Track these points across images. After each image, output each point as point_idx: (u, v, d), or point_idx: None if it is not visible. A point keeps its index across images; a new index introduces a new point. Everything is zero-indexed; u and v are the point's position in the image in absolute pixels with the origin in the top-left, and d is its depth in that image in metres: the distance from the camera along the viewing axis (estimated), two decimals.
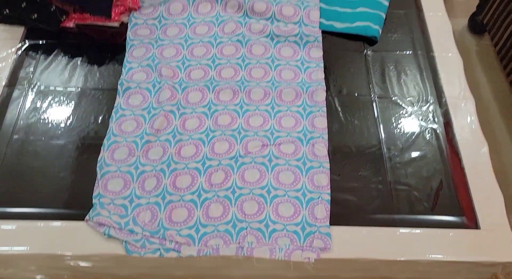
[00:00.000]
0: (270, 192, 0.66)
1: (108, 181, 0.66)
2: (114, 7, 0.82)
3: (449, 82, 0.80)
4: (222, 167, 0.68)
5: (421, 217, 0.65)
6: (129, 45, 0.81)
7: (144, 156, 0.68)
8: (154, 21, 0.84)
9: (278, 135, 0.72)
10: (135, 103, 0.74)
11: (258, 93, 0.76)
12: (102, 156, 0.68)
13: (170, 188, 0.66)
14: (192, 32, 0.83)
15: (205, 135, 0.71)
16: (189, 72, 0.78)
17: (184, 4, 0.86)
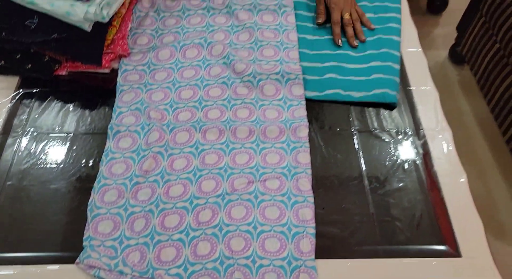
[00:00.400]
0: (257, 228, 0.68)
1: (98, 223, 0.68)
2: (105, 55, 0.86)
3: (426, 115, 0.84)
4: (209, 205, 0.70)
5: (404, 247, 0.67)
6: (119, 90, 0.85)
7: (133, 198, 0.71)
8: (144, 67, 0.89)
9: (263, 171, 0.74)
10: (124, 146, 0.77)
11: (243, 132, 0.79)
12: (92, 199, 0.70)
13: (159, 228, 0.68)
14: (180, 76, 0.87)
15: (192, 174, 0.74)
16: (177, 114, 0.81)
17: (172, 50, 0.91)
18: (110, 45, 0.87)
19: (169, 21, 0.97)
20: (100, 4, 0.80)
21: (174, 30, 0.95)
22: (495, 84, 1.26)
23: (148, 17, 0.96)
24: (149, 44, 0.92)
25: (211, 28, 0.95)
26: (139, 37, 0.93)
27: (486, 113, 1.43)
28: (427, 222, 0.70)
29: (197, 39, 0.92)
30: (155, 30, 0.95)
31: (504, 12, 1.18)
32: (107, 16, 0.81)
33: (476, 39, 1.38)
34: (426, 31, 1.78)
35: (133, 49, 0.91)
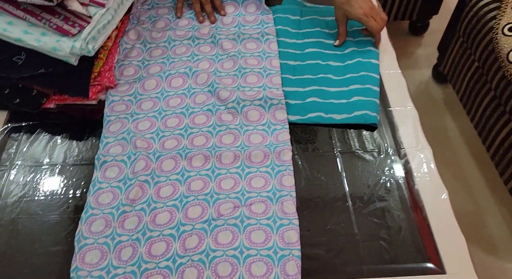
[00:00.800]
0: (243, 252, 0.69)
1: (86, 253, 0.68)
2: (92, 87, 0.88)
3: (406, 134, 0.86)
4: (195, 231, 0.71)
5: (388, 266, 0.68)
6: (106, 121, 0.86)
7: (120, 227, 0.71)
8: (130, 97, 0.91)
9: (248, 196, 0.76)
10: (111, 175, 0.78)
11: (228, 157, 0.81)
12: (79, 230, 0.71)
13: (146, 256, 0.68)
14: (166, 105, 0.89)
15: (178, 201, 0.75)
16: (163, 142, 0.83)
17: (158, 80, 0.93)
18: (97, 77, 0.90)
19: (155, 52, 0.99)
20: (86, 38, 0.82)
21: (160, 61, 0.97)
22: (476, 101, 1.29)
23: (135, 48, 0.99)
24: (135, 75, 0.94)
25: (196, 57, 0.98)
26: (126, 69, 0.95)
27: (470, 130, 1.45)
28: (411, 240, 0.71)
29: (182, 69, 0.94)
30: (142, 61, 0.97)
31: (480, 33, 1.22)
32: (93, 50, 0.84)
33: (456, 59, 1.42)
34: (409, 52, 1.83)
35: (120, 80, 0.93)
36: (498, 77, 1.14)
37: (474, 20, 1.26)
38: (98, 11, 0.86)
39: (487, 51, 1.19)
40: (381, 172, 0.80)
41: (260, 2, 1.09)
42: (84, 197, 0.75)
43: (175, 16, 1.07)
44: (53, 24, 0.81)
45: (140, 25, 1.03)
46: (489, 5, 1.22)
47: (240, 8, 1.09)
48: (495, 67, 1.16)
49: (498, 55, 1.13)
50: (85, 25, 0.83)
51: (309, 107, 0.89)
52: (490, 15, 1.20)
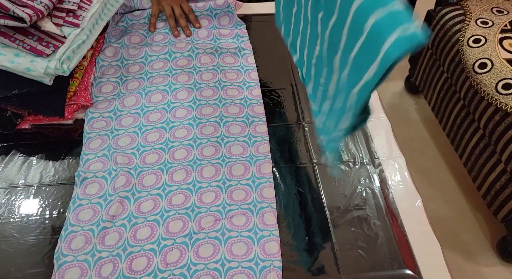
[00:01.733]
0: (224, 265, 0.69)
1: (65, 271, 0.67)
2: (67, 107, 0.88)
3: (380, 144, 0.89)
4: (177, 245, 0.71)
5: (367, 274, 0.69)
6: (86, 138, 0.86)
7: (100, 243, 0.71)
8: (110, 113, 0.91)
9: (229, 208, 0.76)
10: (92, 192, 0.77)
11: (209, 171, 0.82)
12: (59, 247, 0.70)
13: (127, 272, 0.68)
14: (146, 120, 0.90)
15: (159, 216, 0.75)
16: (144, 157, 0.83)
17: (137, 97, 0.94)
18: (72, 96, 0.90)
19: (132, 68, 1.00)
20: (60, 59, 0.83)
21: (138, 76, 0.98)
22: (447, 110, 1.33)
23: (112, 66, 1.00)
24: (114, 92, 0.95)
25: (174, 71, 0.99)
26: (104, 86, 0.96)
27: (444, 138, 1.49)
28: (388, 247, 0.72)
29: (161, 86, 0.95)
30: (119, 77, 0.98)
31: (447, 45, 1.27)
32: (67, 70, 0.84)
33: (426, 70, 1.46)
34: None
35: (99, 97, 0.93)
36: (466, 86, 1.19)
37: (441, 33, 1.31)
38: (73, 32, 0.87)
39: (455, 62, 1.24)
40: (357, 182, 0.82)
41: (232, 14, 1.11)
42: (61, 217, 0.75)
43: (150, 32, 1.08)
44: (27, 45, 0.81)
45: (116, 42, 1.04)
46: (455, 18, 1.27)
47: (214, 21, 1.11)
48: (462, 78, 1.20)
49: (464, 66, 1.18)
50: (59, 45, 0.84)
51: None
52: (455, 28, 1.25)
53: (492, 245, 1.23)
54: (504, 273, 1.17)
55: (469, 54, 1.17)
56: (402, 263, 0.71)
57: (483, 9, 1.22)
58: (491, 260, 1.19)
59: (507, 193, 1.08)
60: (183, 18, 1.08)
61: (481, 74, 1.11)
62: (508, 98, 1.05)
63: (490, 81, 1.09)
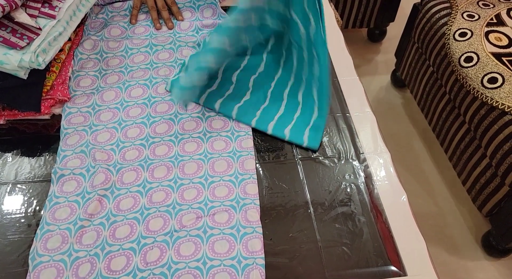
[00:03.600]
0: (206, 263, 0.67)
1: (40, 272, 0.65)
2: (44, 101, 0.85)
3: (365, 139, 0.87)
4: (157, 244, 0.69)
5: (351, 271, 0.68)
6: (63, 134, 0.83)
7: (77, 242, 0.68)
8: (88, 108, 0.88)
9: (212, 205, 0.74)
10: (69, 189, 0.75)
11: (191, 167, 0.80)
12: (34, 247, 0.68)
13: (105, 272, 0.66)
14: (126, 115, 0.87)
15: (139, 214, 0.73)
16: (124, 153, 0.81)
17: (117, 91, 0.91)
18: (49, 91, 0.87)
19: (112, 62, 0.97)
20: (35, 51, 0.79)
21: (118, 70, 0.95)
22: (433, 104, 1.33)
23: (91, 59, 0.97)
24: (93, 86, 0.92)
25: (155, 65, 0.97)
26: (82, 79, 0.93)
27: (429, 133, 1.49)
28: (372, 244, 0.71)
29: (142, 80, 0.93)
30: (99, 71, 0.95)
31: (433, 38, 1.26)
32: (43, 63, 0.81)
33: (412, 64, 1.46)
34: (369, 58, 1.87)
35: (77, 91, 0.90)
36: (452, 80, 1.18)
37: (427, 27, 1.30)
38: (49, 23, 0.84)
39: (441, 56, 1.23)
40: (342, 178, 0.80)
41: (215, 6, 1.08)
42: (37, 215, 0.72)
43: (130, 24, 1.05)
44: (0, 37, 0.78)
45: (95, 35, 1.01)
46: (441, 11, 1.27)
47: (197, 13, 1.08)
48: (448, 71, 1.19)
49: (450, 59, 1.17)
50: (34, 38, 0.81)
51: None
52: (441, 22, 1.24)
53: (477, 239, 1.23)
54: (488, 267, 1.17)
55: (455, 48, 1.16)
56: (387, 259, 0.70)
57: (470, 2, 1.21)
58: (476, 255, 1.19)
59: (491, 187, 1.08)
60: (166, 10, 1.06)
61: (467, 68, 1.11)
62: (493, 92, 1.04)
63: (476, 75, 1.08)
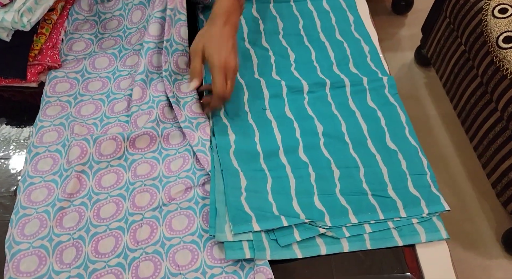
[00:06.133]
0: (202, 237, 0.62)
1: (20, 261, 0.59)
2: (30, 67, 0.77)
3: None
4: (146, 220, 0.63)
5: (362, 276, 0.61)
6: (44, 102, 0.75)
7: (58, 226, 0.62)
8: (76, 74, 0.80)
9: (201, 174, 0.68)
10: (44, 168, 0.68)
11: (176, 137, 0.72)
12: (10, 234, 0.61)
13: (92, 255, 0.60)
14: (116, 87, 0.78)
15: (124, 189, 0.66)
16: (106, 130, 0.73)
17: (111, 58, 0.82)
18: (37, 55, 0.78)
19: (110, 24, 0.87)
20: (19, 10, 0.70)
21: (116, 34, 0.86)
22: (461, 88, 1.22)
23: (87, 21, 0.87)
24: (86, 50, 0.83)
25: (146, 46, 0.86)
26: (76, 43, 0.84)
27: (453, 118, 1.39)
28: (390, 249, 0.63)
29: (137, 45, 0.83)
30: (95, 34, 0.86)
31: (468, 13, 1.14)
32: (28, 24, 0.72)
33: (441, 41, 1.33)
34: (391, 32, 1.74)
35: (68, 55, 0.82)
36: (486, 63, 1.07)
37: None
38: None
39: (475, 34, 1.11)
40: None
41: None
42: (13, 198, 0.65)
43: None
44: None
45: None
46: None
47: None
48: (482, 52, 1.08)
49: (486, 39, 1.05)
50: None
51: None
52: None
53: (498, 237, 1.15)
54: (508, 266, 1.09)
55: (493, 25, 1.04)
56: (404, 266, 0.62)
57: None
58: (495, 253, 1.12)
59: None
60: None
61: (506, 50, 0.99)
62: None
63: None
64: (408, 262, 0.63)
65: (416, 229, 0.64)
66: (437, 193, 0.68)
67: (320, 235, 0.63)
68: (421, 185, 0.69)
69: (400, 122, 0.76)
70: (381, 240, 0.63)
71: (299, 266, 0.61)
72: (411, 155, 0.72)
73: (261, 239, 0.61)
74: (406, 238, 0.64)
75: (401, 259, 0.63)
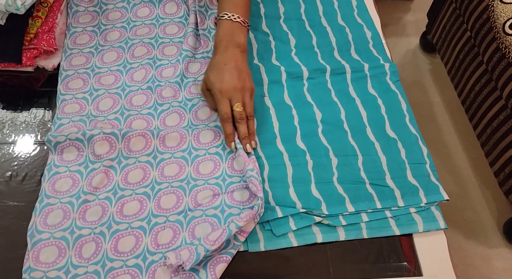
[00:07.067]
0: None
1: (40, 250, 0.59)
2: (26, 51, 0.76)
3: None
4: (169, 224, 0.62)
5: (358, 266, 0.60)
6: (60, 100, 0.74)
7: (81, 218, 0.61)
8: (87, 70, 0.78)
9: (230, 181, 0.66)
10: (70, 158, 0.67)
11: (207, 136, 0.71)
12: (33, 222, 0.61)
13: (111, 253, 0.59)
14: (130, 79, 0.77)
15: (150, 188, 0.65)
16: (130, 123, 0.72)
17: (119, 52, 0.81)
18: (33, 39, 0.77)
19: (113, 15, 0.86)
20: None
21: (119, 25, 0.85)
22: (465, 75, 1.20)
23: (88, 13, 0.85)
24: (90, 43, 0.82)
25: (161, 20, 0.86)
26: (79, 36, 0.82)
27: (457, 105, 1.37)
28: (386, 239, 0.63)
29: (146, 38, 0.82)
30: (97, 26, 0.84)
31: None
32: (22, 7, 0.70)
33: (446, 27, 1.31)
34: (397, 17, 1.71)
35: (73, 49, 0.80)
36: (492, 49, 1.04)
37: None
38: None
39: (482, 20, 1.08)
40: None
41: None
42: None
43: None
44: None
45: None
46: None
47: None
48: (488, 38, 1.05)
49: (493, 24, 1.03)
50: None
51: None
52: None
53: (499, 226, 1.14)
54: (508, 255, 1.09)
55: (500, 11, 1.01)
56: (401, 255, 0.62)
57: None
58: (496, 242, 1.11)
59: None
60: (244, 123, 0.70)
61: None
62: None
63: None
64: (405, 252, 0.62)
65: (414, 219, 0.64)
66: (436, 183, 0.67)
67: (316, 223, 0.62)
68: (420, 174, 0.68)
69: (401, 110, 0.75)
70: (377, 229, 0.63)
71: (295, 255, 0.61)
72: (411, 143, 0.71)
73: (254, 230, 0.61)
74: (404, 228, 0.63)
75: (397, 249, 0.62)
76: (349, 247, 0.62)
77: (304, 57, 0.81)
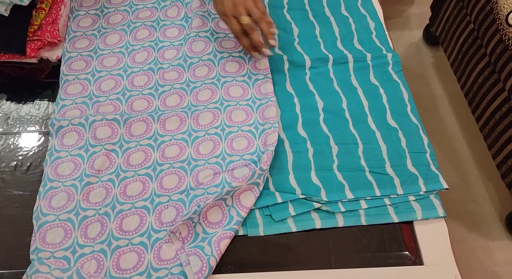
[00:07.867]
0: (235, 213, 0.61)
1: (47, 232, 0.60)
2: (30, 43, 0.76)
3: None
4: (172, 203, 0.63)
5: (360, 254, 0.61)
6: (63, 81, 0.75)
7: (85, 200, 0.63)
8: (90, 52, 0.79)
9: (230, 159, 0.67)
10: (70, 142, 0.68)
11: (206, 117, 0.72)
12: (38, 206, 0.62)
13: (116, 232, 0.60)
14: (132, 61, 0.78)
15: (151, 169, 0.66)
16: (131, 103, 0.73)
17: (121, 34, 0.82)
18: (37, 31, 0.77)
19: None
20: None
21: (122, 8, 0.86)
22: (468, 67, 1.19)
23: None
24: (94, 26, 0.83)
25: (163, 3, 0.87)
26: (83, 19, 0.84)
27: (460, 98, 1.36)
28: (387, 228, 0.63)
29: (148, 21, 0.83)
30: (100, 9, 0.86)
31: None
32: None
33: (450, 19, 1.30)
34: (400, 10, 1.70)
35: (77, 32, 0.82)
36: (495, 41, 1.04)
37: None
38: None
39: (485, 12, 1.08)
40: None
41: None
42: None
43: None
44: None
45: None
46: None
47: None
48: (492, 30, 1.05)
49: (496, 16, 1.02)
50: None
51: None
52: None
53: (501, 218, 1.14)
54: (510, 247, 1.09)
55: (503, 3, 1.01)
56: (402, 245, 0.62)
57: None
58: (498, 234, 1.11)
59: None
60: (255, 32, 0.73)
61: None
62: None
63: None
64: (406, 241, 0.62)
65: (413, 207, 0.64)
66: (436, 172, 0.67)
67: (315, 209, 0.63)
68: (420, 163, 0.68)
69: (402, 100, 0.75)
70: (376, 216, 0.63)
71: (297, 244, 0.61)
72: (412, 133, 0.71)
73: (254, 216, 0.61)
74: (402, 215, 0.63)
75: (398, 238, 0.63)
76: (350, 236, 0.62)
77: (307, 46, 0.81)
